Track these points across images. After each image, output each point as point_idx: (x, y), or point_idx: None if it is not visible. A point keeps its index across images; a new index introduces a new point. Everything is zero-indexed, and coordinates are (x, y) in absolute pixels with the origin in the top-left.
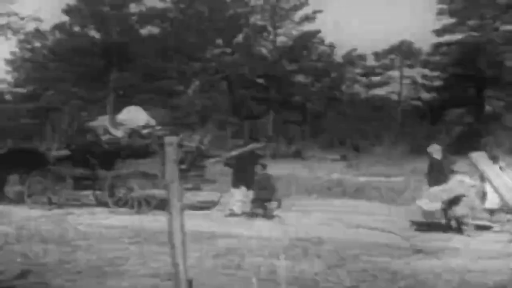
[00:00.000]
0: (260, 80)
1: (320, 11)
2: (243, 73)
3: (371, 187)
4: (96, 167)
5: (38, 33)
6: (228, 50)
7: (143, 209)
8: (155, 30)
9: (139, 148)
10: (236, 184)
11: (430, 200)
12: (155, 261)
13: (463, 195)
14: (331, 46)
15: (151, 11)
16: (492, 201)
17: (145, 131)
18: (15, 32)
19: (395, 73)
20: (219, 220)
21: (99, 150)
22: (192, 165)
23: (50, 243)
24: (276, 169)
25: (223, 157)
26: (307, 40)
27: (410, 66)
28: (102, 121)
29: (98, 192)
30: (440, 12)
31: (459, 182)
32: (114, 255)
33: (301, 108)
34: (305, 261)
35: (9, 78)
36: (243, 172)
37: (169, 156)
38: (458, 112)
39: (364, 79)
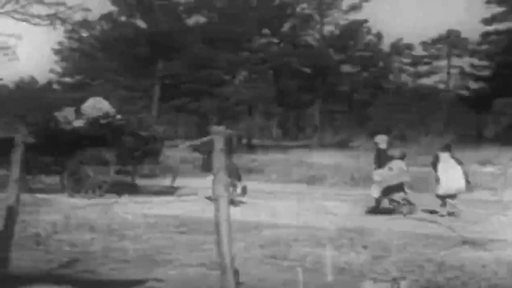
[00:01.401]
0: (307, 70)
1: (367, 0)
2: (289, 63)
3: (417, 177)
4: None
5: (85, 23)
6: (275, 39)
7: (96, 193)
8: (202, 19)
9: (96, 136)
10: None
11: (375, 186)
12: (201, 250)
13: (406, 181)
14: (378, 36)
15: (198, 1)
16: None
17: (103, 121)
18: (63, 22)
19: (442, 63)
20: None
21: (61, 139)
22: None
23: (97, 232)
24: (322, 158)
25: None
26: (354, 30)
27: (458, 56)
28: (66, 112)
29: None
30: (489, 1)
31: (400, 168)
32: (161, 244)
33: (347, 97)
34: (351, 251)
35: (57, 67)
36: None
37: (216, 145)
38: (506, 101)
39: (411, 69)
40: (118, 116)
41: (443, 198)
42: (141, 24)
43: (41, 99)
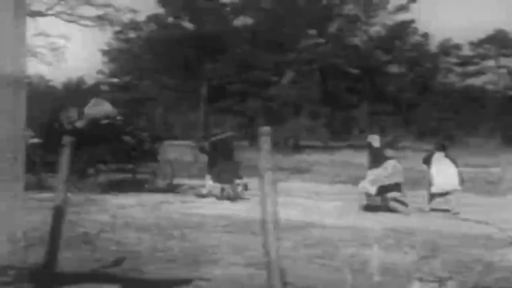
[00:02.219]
0: (353, 71)
1: (414, 1)
2: (336, 64)
3: (465, 178)
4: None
5: (133, 24)
6: (321, 40)
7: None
8: (248, 20)
9: (96, 136)
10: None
11: (371, 183)
12: (248, 250)
13: (401, 181)
14: (426, 36)
15: (245, 2)
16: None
17: (104, 121)
18: (111, 23)
19: (491, 63)
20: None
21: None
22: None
23: (144, 231)
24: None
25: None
26: (401, 30)
27: (506, 56)
28: (69, 112)
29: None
30: None
31: (394, 167)
32: (208, 243)
33: (394, 98)
34: (398, 251)
35: (105, 69)
36: (216, 159)
37: (263, 145)
38: None
39: (459, 69)
40: (119, 117)
41: (434, 196)
42: (188, 25)
43: (89, 100)
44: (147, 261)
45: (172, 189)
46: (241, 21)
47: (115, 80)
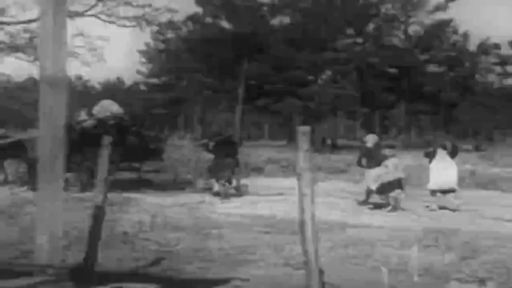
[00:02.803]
0: (391, 70)
1: (453, 0)
2: (373, 63)
3: (505, 178)
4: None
5: (172, 24)
6: (359, 40)
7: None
8: (286, 20)
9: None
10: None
11: (373, 181)
12: (286, 250)
13: (401, 178)
14: (465, 35)
15: (282, 1)
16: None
17: (111, 122)
18: (150, 23)
19: None
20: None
21: (72, 138)
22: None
23: (183, 231)
24: (408, 159)
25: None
26: (440, 29)
27: None
28: (79, 113)
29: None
30: None
31: (394, 165)
32: (246, 243)
33: (433, 98)
34: (437, 251)
35: (143, 68)
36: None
37: (301, 145)
38: None
39: (498, 69)
40: (126, 118)
41: (433, 192)
42: (226, 25)
43: (127, 100)
44: (185, 261)
45: (176, 186)
46: (279, 20)
47: (153, 80)
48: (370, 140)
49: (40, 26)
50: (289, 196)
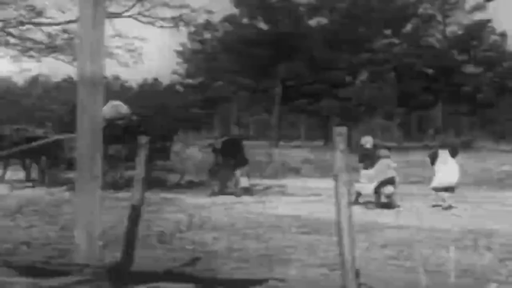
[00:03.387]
0: (429, 71)
1: (491, 0)
2: (411, 64)
3: None
4: None
5: (208, 25)
6: (396, 40)
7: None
8: (323, 20)
9: (112, 135)
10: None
11: (368, 181)
12: (323, 250)
13: (394, 177)
14: (503, 35)
15: (320, 2)
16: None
17: (120, 122)
18: (187, 24)
19: None
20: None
21: None
22: None
23: (220, 231)
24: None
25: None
26: (478, 30)
27: None
28: None
29: None
30: None
31: (387, 165)
32: (283, 244)
33: (470, 98)
34: (475, 253)
35: (180, 69)
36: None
37: (338, 145)
38: None
39: None
40: (134, 118)
41: (437, 190)
42: (263, 25)
43: (163, 100)
44: (222, 261)
45: (183, 185)
46: (316, 21)
47: (190, 80)
48: (369, 141)
49: (79, 27)
50: (326, 197)
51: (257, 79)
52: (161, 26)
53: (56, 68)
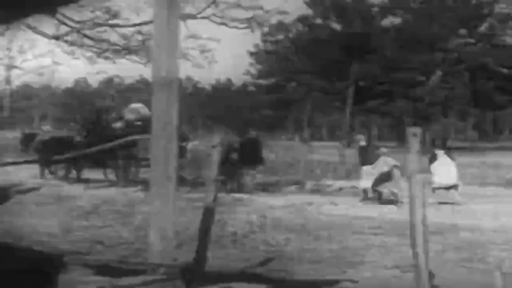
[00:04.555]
0: (504, 70)
1: None
2: (486, 63)
3: None
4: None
5: (281, 26)
6: (471, 40)
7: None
8: (396, 20)
9: (130, 135)
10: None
11: (366, 178)
12: (396, 252)
13: (390, 172)
14: None
15: (393, 2)
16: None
17: (137, 123)
18: (260, 25)
19: None
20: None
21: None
22: None
23: (292, 231)
24: None
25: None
26: None
27: None
28: (111, 114)
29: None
30: None
31: (384, 162)
32: (355, 245)
33: None
34: None
35: (252, 70)
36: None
37: (412, 146)
38: None
39: None
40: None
41: (437, 190)
42: (336, 26)
43: (236, 101)
44: (294, 262)
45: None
46: (389, 20)
47: (262, 81)
48: (361, 139)
49: (154, 29)
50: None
51: (330, 79)
52: (234, 27)
53: (130, 70)
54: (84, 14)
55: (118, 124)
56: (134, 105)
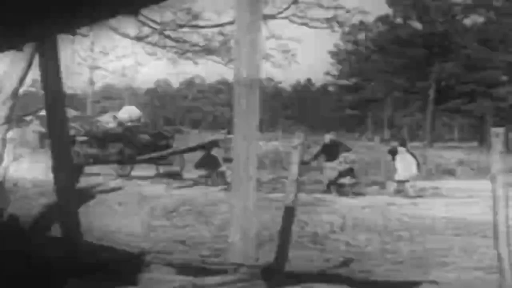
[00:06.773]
0: None
1: None
2: None
3: None
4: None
5: (362, 26)
6: None
7: None
8: (479, 19)
9: (122, 135)
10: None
11: (329, 173)
12: (479, 253)
13: (350, 168)
14: None
15: (476, 0)
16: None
17: (130, 124)
18: (341, 25)
19: None
20: None
21: (104, 138)
22: None
23: (373, 232)
24: None
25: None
26: None
27: None
28: (106, 116)
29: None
30: None
31: (344, 157)
32: (437, 246)
33: None
34: None
35: (333, 70)
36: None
37: (495, 146)
38: None
39: None
40: (141, 120)
41: (399, 182)
42: (417, 25)
43: (316, 102)
44: (375, 263)
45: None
46: (471, 19)
47: (343, 81)
48: (327, 138)
49: (236, 29)
50: (481, 199)
51: (411, 79)
52: (315, 27)
53: (211, 71)
54: (166, 15)
55: (110, 125)
56: (127, 107)
